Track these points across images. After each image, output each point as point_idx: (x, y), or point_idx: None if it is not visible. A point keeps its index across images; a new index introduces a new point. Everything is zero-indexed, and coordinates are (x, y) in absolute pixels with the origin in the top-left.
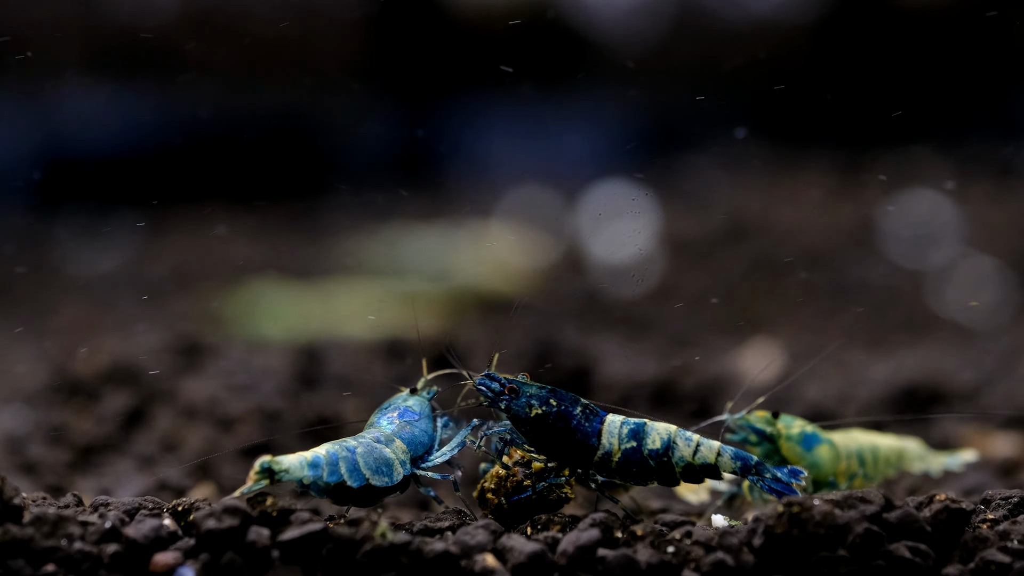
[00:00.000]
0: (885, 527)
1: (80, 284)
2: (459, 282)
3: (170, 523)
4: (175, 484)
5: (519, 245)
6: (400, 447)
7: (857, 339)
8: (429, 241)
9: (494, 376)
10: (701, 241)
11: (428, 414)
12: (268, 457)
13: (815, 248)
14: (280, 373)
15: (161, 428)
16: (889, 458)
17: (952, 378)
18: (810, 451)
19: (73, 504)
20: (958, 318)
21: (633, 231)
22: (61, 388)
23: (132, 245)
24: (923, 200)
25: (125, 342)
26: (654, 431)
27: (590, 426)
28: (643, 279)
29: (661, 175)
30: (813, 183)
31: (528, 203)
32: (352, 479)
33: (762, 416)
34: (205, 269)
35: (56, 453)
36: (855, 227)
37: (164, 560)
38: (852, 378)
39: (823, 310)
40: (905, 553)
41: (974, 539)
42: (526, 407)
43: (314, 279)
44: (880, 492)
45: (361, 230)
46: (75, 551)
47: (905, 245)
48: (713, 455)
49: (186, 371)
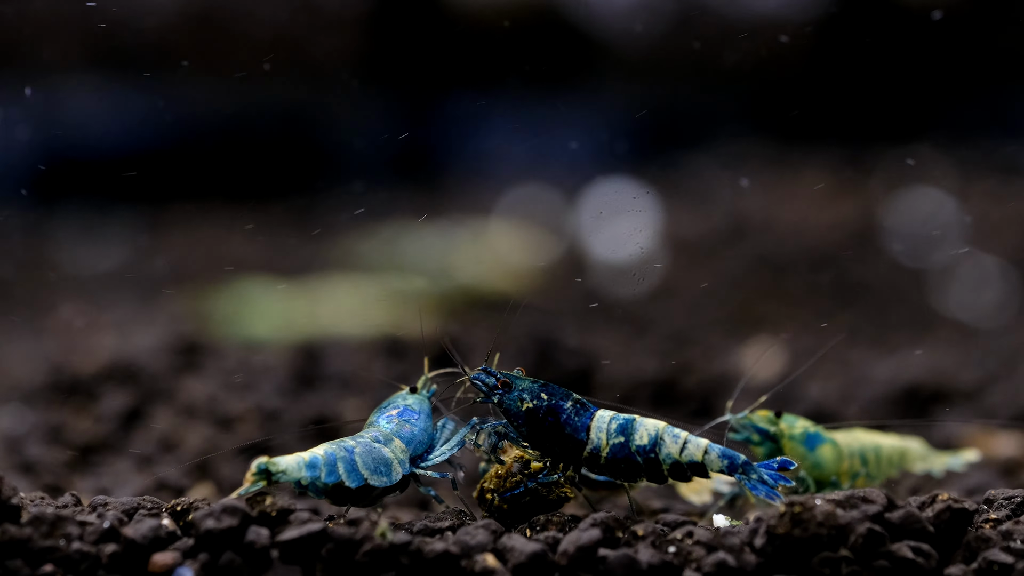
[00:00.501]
0: (887, 527)
1: (78, 282)
2: (459, 281)
3: (169, 523)
4: (174, 484)
5: (519, 243)
6: (399, 446)
7: (859, 338)
8: (429, 239)
9: (489, 371)
10: (703, 240)
11: (428, 413)
12: (265, 458)
13: (817, 246)
14: (279, 372)
15: (160, 427)
16: (892, 458)
17: (955, 377)
18: (813, 451)
19: (71, 504)
20: (961, 317)
21: (634, 230)
22: (59, 387)
23: (131, 243)
24: (926, 198)
25: (123, 341)
26: (642, 427)
27: (580, 421)
28: (644, 278)
29: (662, 173)
30: (815, 181)
31: (528, 201)
32: (350, 479)
33: (765, 416)
34: (203, 267)
35: (55, 452)
36: (858, 225)
37: (163, 560)
38: (854, 377)
39: (825, 309)
40: (907, 553)
41: (977, 539)
42: (517, 401)
43: (313, 277)
44: (882, 492)
45: (360, 228)
46: (73, 551)
47: (908, 243)
48: (700, 453)
49: (185, 370)
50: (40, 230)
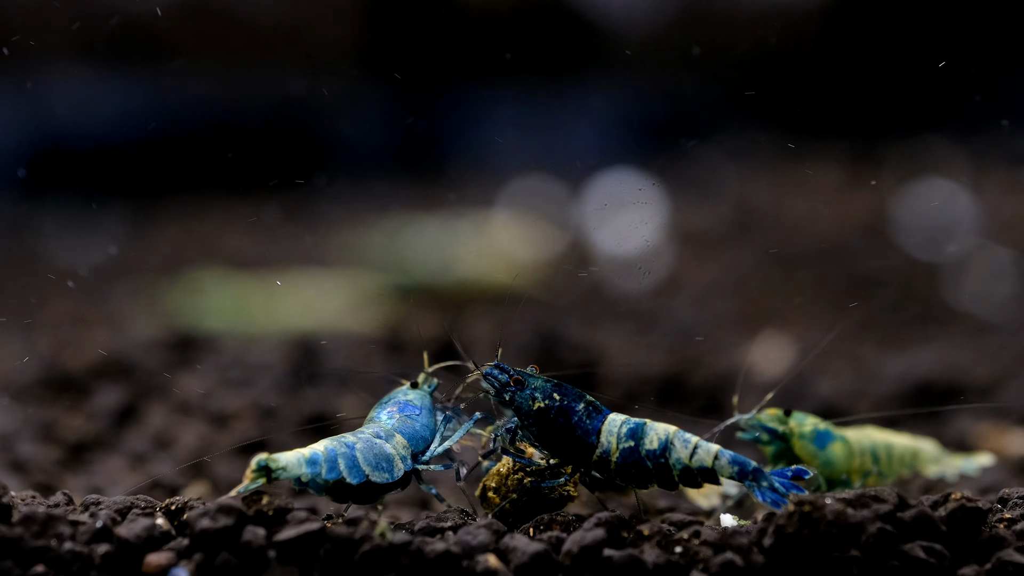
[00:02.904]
0: (899, 527)
1: (69, 275)
2: (461, 275)
3: (163, 523)
4: (168, 482)
5: (522, 236)
6: (400, 442)
7: (870, 333)
8: (430, 232)
9: (503, 366)
10: (710, 233)
11: (429, 408)
12: (265, 455)
13: (827, 240)
14: (276, 368)
15: (154, 424)
16: (904, 457)
17: (968, 373)
18: (823, 449)
19: (63, 503)
20: (974, 311)
21: (640, 222)
22: (50, 383)
23: (123, 236)
24: (938, 190)
25: (116, 336)
26: (652, 432)
27: (591, 424)
28: (650, 272)
29: (668, 164)
30: (825, 173)
31: (531, 193)
32: (351, 476)
33: (774, 414)
34: (197, 261)
35: (46, 450)
36: (868, 218)
37: (157, 561)
38: (865, 374)
39: (835, 304)
40: (920, 553)
41: (991, 539)
42: (529, 400)
43: (309, 271)
44: (894, 491)
45: (360, 221)
46: (65, 551)
47: (919, 237)
48: (710, 459)
49: (179, 366)
50: (30, 221)
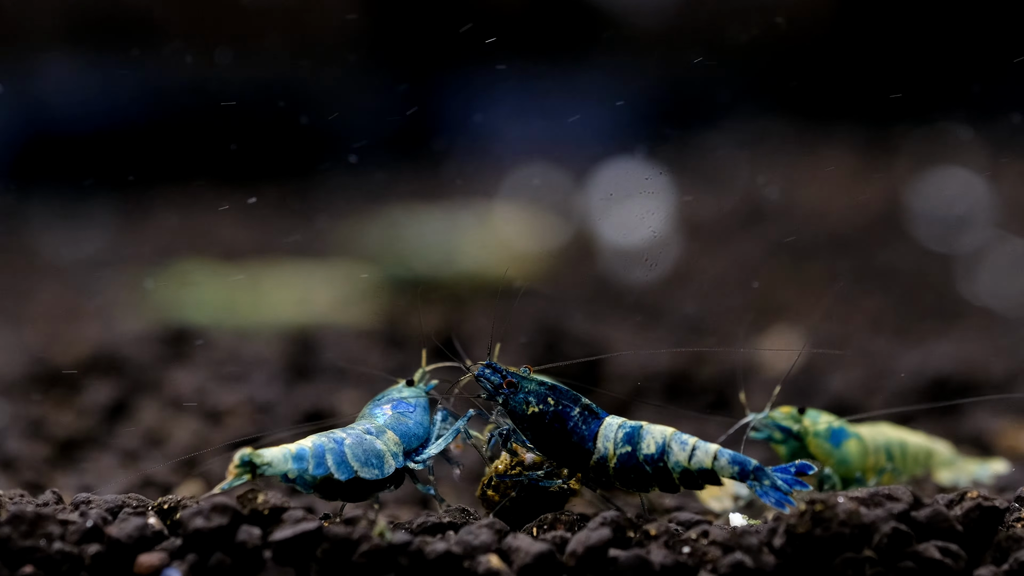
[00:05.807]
0: (914, 526)
1: (58, 268)
2: (463, 267)
3: (155, 522)
4: (160, 481)
5: (526, 227)
6: (392, 439)
7: (883, 327)
8: (431, 223)
9: (496, 367)
10: (718, 223)
11: (424, 406)
12: (249, 450)
13: (839, 230)
14: (271, 362)
15: (146, 421)
16: (918, 456)
17: (984, 368)
18: (838, 447)
19: (53, 502)
20: (991, 304)
21: (646, 212)
22: (39, 379)
23: (114, 226)
24: (954, 179)
25: (106, 329)
26: (649, 435)
27: (587, 429)
28: (657, 263)
29: (676, 153)
30: (837, 161)
31: (535, 183)
32: (340, 472)
33: (787, 412)
34: (190, 252)
35: (35, 448)
36: (882, 208)
37: (149, 561)
38: (878, 368)
39: (848, 296)
40: (935, 554)
41: (1008, 539)
42: (523, 404)
43: (307, 263)
44: (908, 490)
45: (360, 212)
46: (55, 551)
47: (935, 227)
48: (710, 459)
49: (172, 360)
50: (18, 212)
